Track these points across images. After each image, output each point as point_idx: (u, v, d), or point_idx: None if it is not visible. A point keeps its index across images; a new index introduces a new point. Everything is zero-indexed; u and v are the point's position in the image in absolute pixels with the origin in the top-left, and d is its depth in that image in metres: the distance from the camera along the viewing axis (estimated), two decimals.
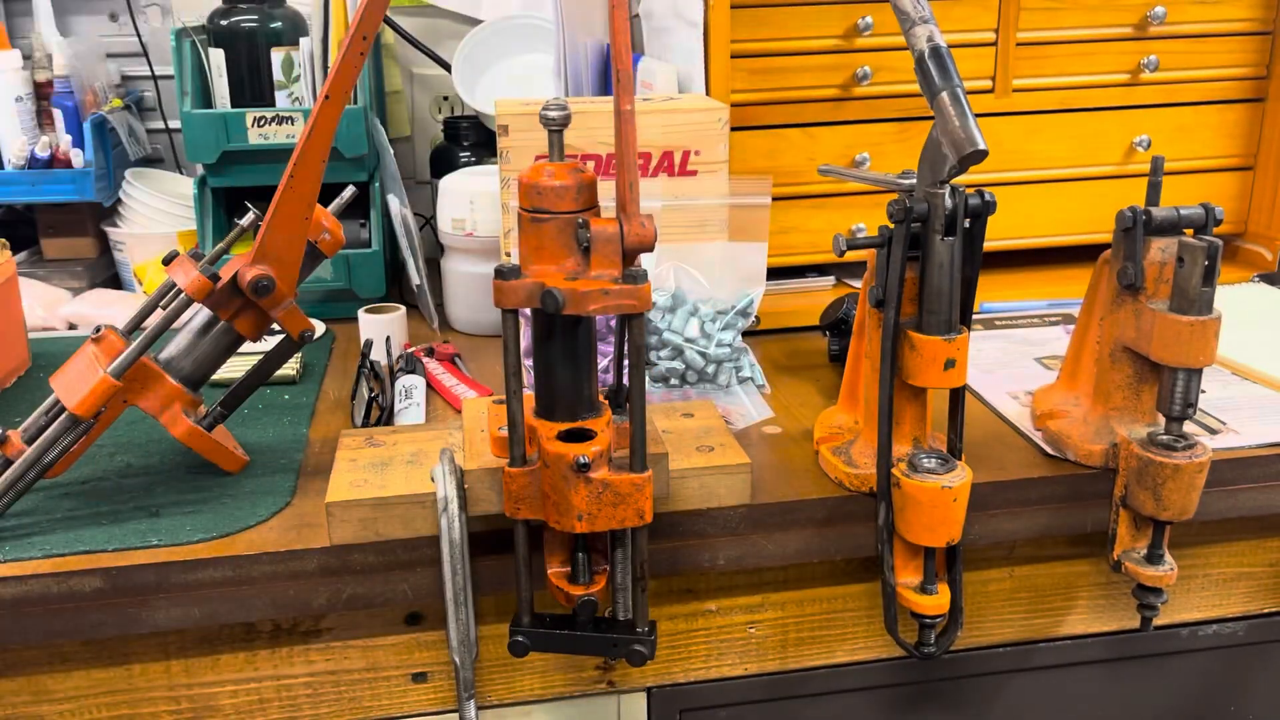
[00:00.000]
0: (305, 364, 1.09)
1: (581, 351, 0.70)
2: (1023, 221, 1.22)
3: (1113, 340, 0.81)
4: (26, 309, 1.13)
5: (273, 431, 0.93)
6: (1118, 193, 1.22)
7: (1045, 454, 0.87)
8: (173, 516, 0.78)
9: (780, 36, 1.11)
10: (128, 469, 0.86)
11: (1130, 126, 1.21)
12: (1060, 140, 1.20)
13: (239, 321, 0.80)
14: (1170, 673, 1.00)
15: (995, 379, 1.01)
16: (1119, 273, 0.79)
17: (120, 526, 0.77)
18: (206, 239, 1.25)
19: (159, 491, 0.82)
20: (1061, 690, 0.98)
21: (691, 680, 0.89)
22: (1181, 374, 0.76)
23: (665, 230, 1.00)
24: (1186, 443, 0.77)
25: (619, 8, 0.66)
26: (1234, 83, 1.22)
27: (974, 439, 0.89)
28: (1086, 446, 0.83)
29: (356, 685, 0.83)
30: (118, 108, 1.42)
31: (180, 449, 0.89)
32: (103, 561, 0.73)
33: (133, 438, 0.91)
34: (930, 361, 0.75)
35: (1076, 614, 0.94)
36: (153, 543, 0.74)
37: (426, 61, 1.54)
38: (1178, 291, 0.75)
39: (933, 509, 0.74)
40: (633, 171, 0.66)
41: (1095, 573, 0.93)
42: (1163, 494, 0.77)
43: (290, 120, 1.19)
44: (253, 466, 0.86)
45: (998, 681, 0.96)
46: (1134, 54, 1.19)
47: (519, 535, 0.72)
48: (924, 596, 0.78)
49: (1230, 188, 1.26)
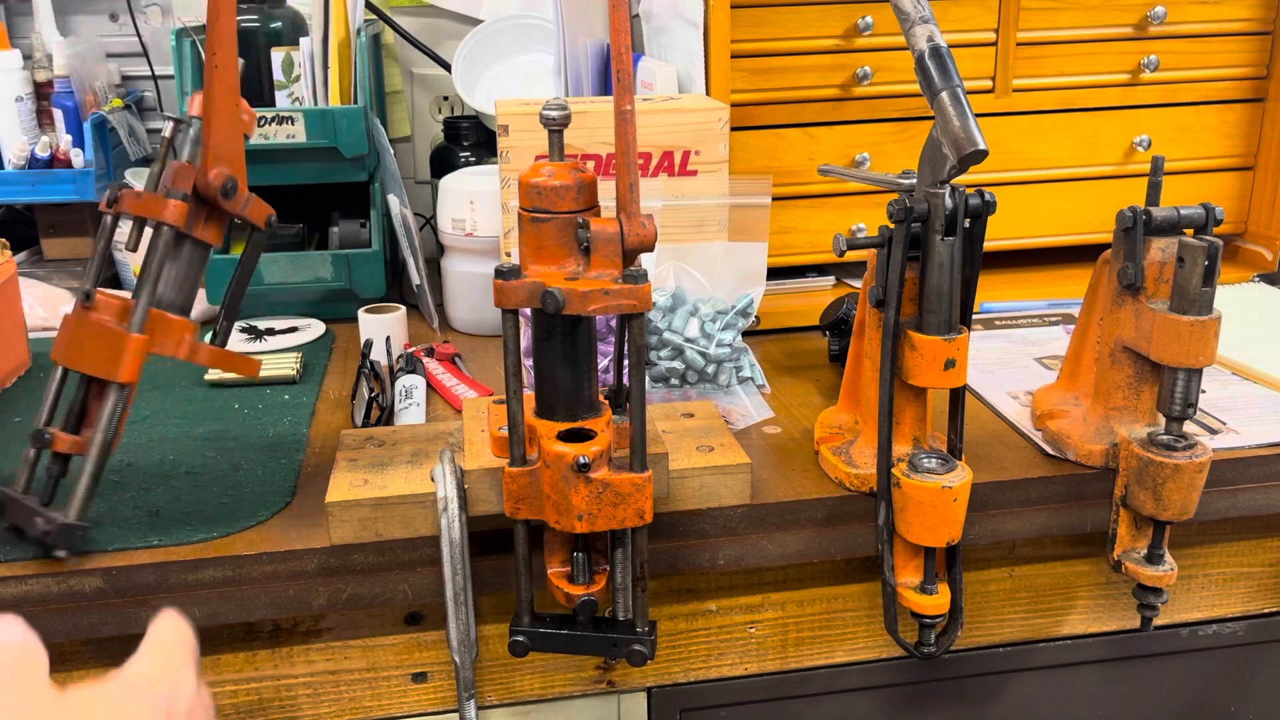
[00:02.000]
0: (305, 364, 1.09)
1: (581, 351, 0.70)
2: (1023, 221, 1.22)
3: (1113, 340, 0.81)
4: (27, 309, 1.13)
5: (273, 431, 0.93)
6: (1118, 193, 1.22)
7: (1045, 454, 0.87)
8: (172, 516, 0.78)
9: (780, 36, 1.11)
10: (126, 468, 0.86)
11: (1130, 126, 1.21)
12: (1060, 140, 1.20)
13: (206, 231, 0.76)
14: (1170, 673, 1.00)
15: (995, 379, 1.01)
16: (1119, 273, 0.79)
17: (120, 526, 0.77)
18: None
19: (158, 491, 0.82)
20: (1062, 690, 0.98)
21: (691, 680, 0.89)
22: (1181, 374, 0.76)
23: (665, 230, 1.00)
24: (1186, 443, 0.77)
25: (619, 8, 0.66)
26: (1234, 83, 1.22)
27: (974, 439, 0.89)
28: (1086, 446, 0.83)
29: (356, 685, 0.83)
30: (118, 108, 1.42)
31: (177, 449, 0.89)
32: (103, 561, 0.73)
33: (132, 438, 0.91)
34: (930, 361, 0.75)
35: (1076, 614, 0.94)
36: (152, 542, 0.74)
37: (427, 61, 1.54)
38: (1178, 291, 0.75)
39: (933, 509, 0.74)
40: (633, 171, 0.66)
41: (1095, 573, 0.93)
42: (1163, 494, 0.77)
43: (291, 120, 1.19)
44: (253, 466, 0.86)
45: (998, 681, 0.96)
46: (1134, 54, 1.19)
47: (519, 535, 0.72)
48: (924, 596, 0.78)
49: (1230, 188, 1.26)
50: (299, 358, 1.08)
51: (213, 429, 0.94)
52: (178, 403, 1.00)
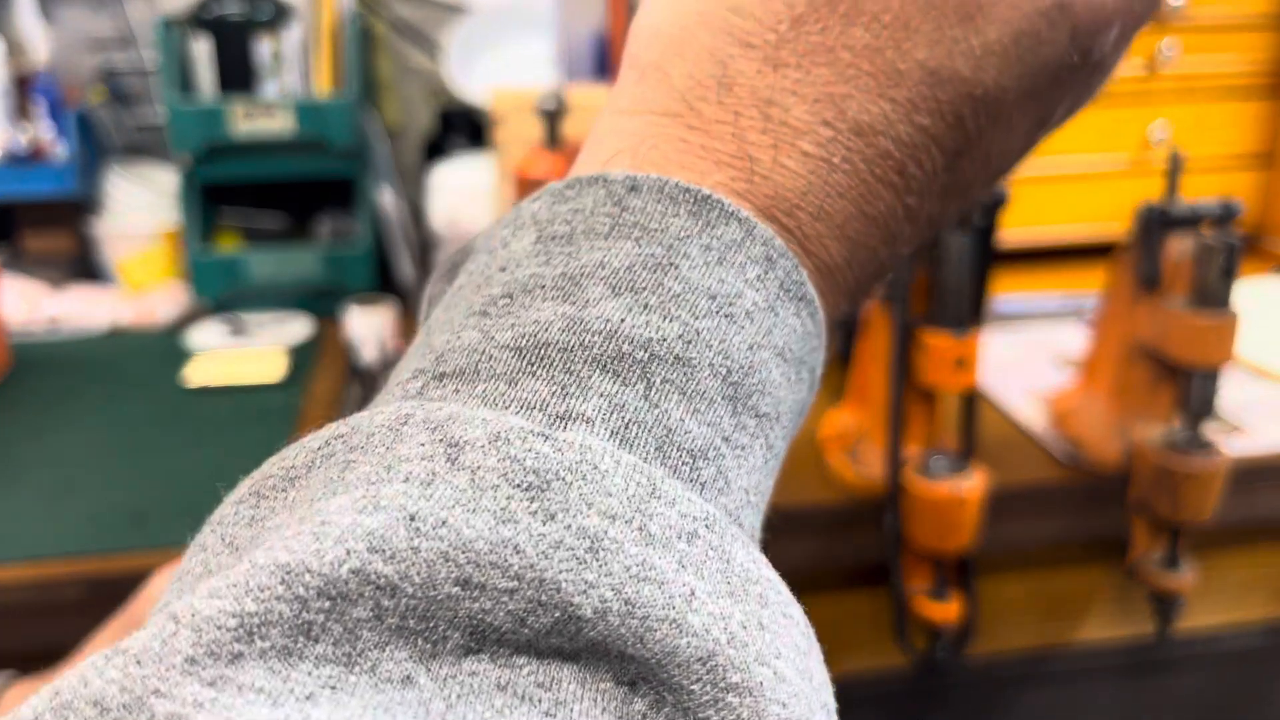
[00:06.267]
0: (291, 362, 1.06)
1: None
2: (1037, 216, 1.20)
3: (1130, 339, 0.78)
4: (7, 307, 1.10)
5: (256, 435, 0.90)
6: (1134, 187, 1.20)
7: (1060, 456, 0.84)
8: (158, 520, 0.76)
9: None
10: (114, 471, 0.83)
11: (1147, 120, 1.19)
12: (1076, 133, 1.18)
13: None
14: (1187, 679, 0.98)
15: (1009, 378, 0.98)
16: (1136, 270, 0.77)
17: (105, 531, 0.74)
18: (190, 233, 1.22)
19: (144, 495, 0.79)
20: (1076, 699, 0.95)
21: None
22: (1200, 374, 0.74)
23: None
24: (1205, 445, 0.75)
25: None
26: (1253, 76, 1.19)
27: (986, 441, 0.87)
28: (1102, 449, 0.81)
29: None
30: (101, 100, 1.38)
31: (167, 452, 0.86)
32: (86, 566, 0.71)
33: (115, 440, 0.88)
34: (941, 360, 0.72)
35: (1092, 620, 0.92)
36: (138, 547, 0.72)
37: (419, 52, 1.51)
38: (1196, 289, 0.73)
39: (944, 514, 0.71)
40: None
41: (1111, 578, 0.91)
42: (1180, 497, 0.75)
43: (278, 112, 1.16)
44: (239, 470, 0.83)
45: (1010, 691, 0.94)
46: (1151, 46, 1.16)
47: None
48: (935, 604, 0.76)
49: (1249, 182, 1.23)
50: (284, 356, 1.05)
51: (196, 432, 0.91)
52: (160, 406, 0.97)
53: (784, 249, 0.23)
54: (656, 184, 0.23)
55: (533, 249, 0.23)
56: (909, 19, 0.23)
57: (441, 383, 0.21)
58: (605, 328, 0.21)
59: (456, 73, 1.41)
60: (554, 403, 0.20)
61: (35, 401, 0.97)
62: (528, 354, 0.21)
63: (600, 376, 0.20)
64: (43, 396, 0.98)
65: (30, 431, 0.91)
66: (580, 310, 0.21)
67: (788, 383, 0.23)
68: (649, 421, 0.20)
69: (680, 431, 0.21)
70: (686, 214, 0.22)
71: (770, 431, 0.23)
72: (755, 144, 0.23)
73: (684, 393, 0.21)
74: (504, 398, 0.20)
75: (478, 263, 0.24)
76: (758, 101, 0.23)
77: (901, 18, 0.23)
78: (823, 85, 0.23)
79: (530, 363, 0.21)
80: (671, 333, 0.21)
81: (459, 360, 0.21)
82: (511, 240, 0.24)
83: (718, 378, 0.21)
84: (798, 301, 0.23)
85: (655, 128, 0.24)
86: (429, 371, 0.21)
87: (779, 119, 0.23)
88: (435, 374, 0.21)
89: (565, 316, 0.21)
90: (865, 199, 0.24)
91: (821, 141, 0.23)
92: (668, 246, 0.22)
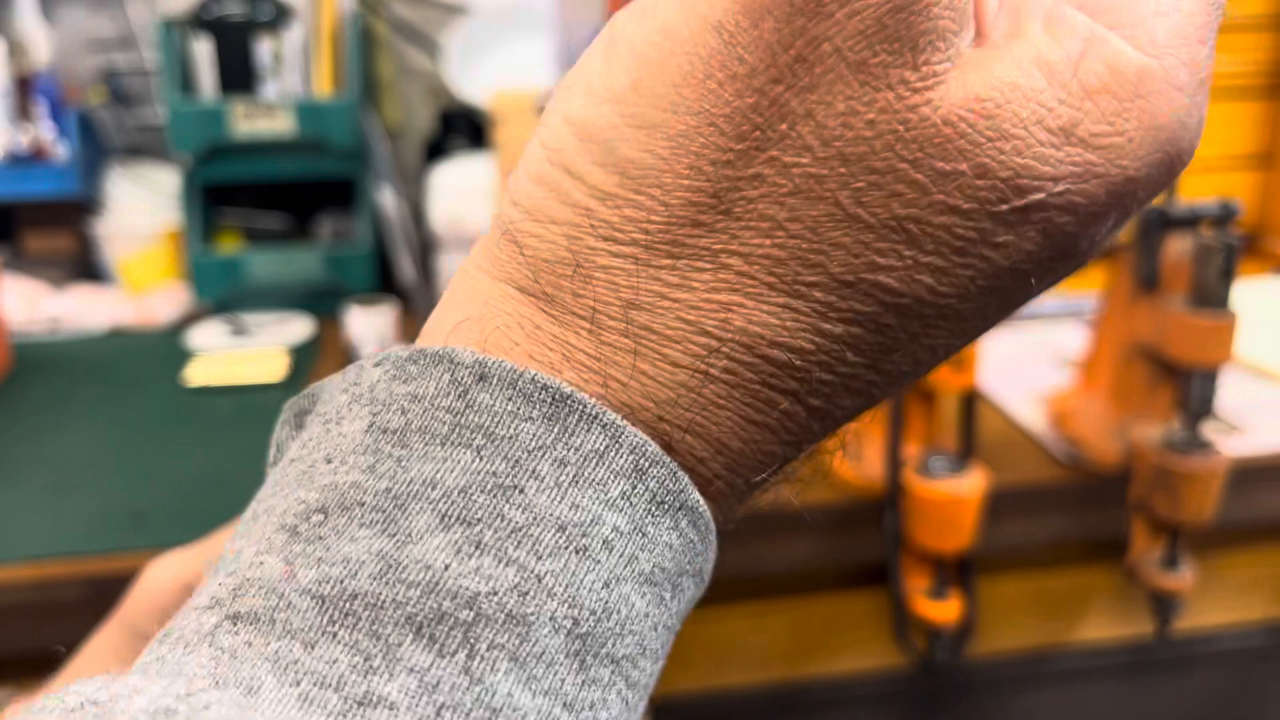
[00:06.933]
0: (293, 363, 1.06)
1: None
2: None
3: (1129, 340, 0.78)
4: (8, 305, 1.10)
5: (256, 435, 0.90)
6: None
7: (1059, 457, 0.84)
8: (158, 520, 0.76)
9: None
10: (115, 471, 0.83)
11: None
12: None
13: None
14: (1187, 680, 0.98)
15: (1008, 378, 0.98)
16: (1135, 270, 0.77)
17: (105, 531, 0.74)
18: (191, 233, 1.22)
19: (145, 495, 0.79)
20: (1076, 699, 0.95)
21: (694, 691, 0.87)
22: (1199, 374, 0.74)
23: None
24: (1204, 445, 0.75)
25: None
26: (1253, 76, 1.19)
27: (986, 441, 0.87)
28: (1102, 449, 0.81)
29: None
30: (102, 100, 1.38)
31: (167, 452, 0.86)
32: (86, 566, 0.70)
33: (115, 441, 0.88)
34: None
35: (1091, 621, 0.92)
36: (138, 547, 0.72)
37: (419, 53, 1.51)
38: (1195, 290, 0.73)
39: (944, 514, 0.71)
40: None
41: (1110, 578, 0.90)
42: (1179, 497, 0.75)
43: (279, 112, 1.16)
44: (239, 472, 0.83)
45: (1010, 691, 0.94)
46: None
47: None
48: (935, 604, 0.76)
49: (1248, 182, 1.23)
50: (285, 356, 1.05)
51: (197, 432, 0.91)
52: (161, 406, 0.97)
53: (658, 455, 0.20)
54: (509, 376, 0.19)
55: (362, 441, 0.20)
56: (823, 231, 0.19)
57: (235, 627, 0.18)
58: (425, 578, 0.18)
59: (457, 73, 1.41)
60: (353, 680, 0.17)
61: (36, 402, 0.97)
62: (330, 606, 0.18)
63: (413, 644, 0.17)
64: (43, 397, 0.98)
65: (30, 431, 0.91)
66: (399, 549, 0.18)
67: (658, 606, 0.20)
68: (467, 704, 0.17)
69: (507, 710, 0.18)
70: (540, 417, 0.19)
71: (632, 671, 0.20)
72: (613, 345, 0.20)
73: (515, 659, 0.18)
74: (297, 668, 0.17)
75: (313, 432, 0.21)
76: (618, 300, 0.20)
77: (813, 228, 0.19)
78: (703, 292, 0.20)
79: (332, 620, 0.18)
80: (505, 582, 0.18)
81: (256, 601, 0.18)
82: (346, 416, 0.20)
83: (560, 632, 0.18)
84: (675, 513, 0.20)
85: (508, 304, 0.21)
86: (225, 605, 0.19)
87: (642, 323, 0.20)
88: (230, 613, 0.18)
89: (380, 557, 0.18)
90: (753, 407, 0.20)
91: (696, 352, 0.20)
92: (514, 462, 0.19)
